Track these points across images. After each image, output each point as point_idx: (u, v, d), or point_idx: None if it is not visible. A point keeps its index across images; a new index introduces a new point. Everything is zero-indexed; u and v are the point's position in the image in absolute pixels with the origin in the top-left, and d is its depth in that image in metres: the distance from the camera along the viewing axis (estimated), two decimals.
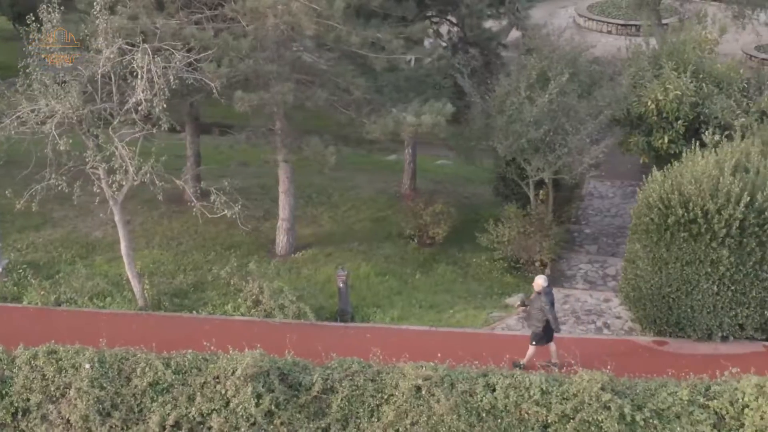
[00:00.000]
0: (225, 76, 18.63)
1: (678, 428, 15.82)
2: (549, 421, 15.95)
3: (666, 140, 23.81)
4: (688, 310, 19.20)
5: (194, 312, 20.52)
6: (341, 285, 20.31)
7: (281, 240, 23.05)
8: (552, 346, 18.24)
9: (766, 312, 19.11)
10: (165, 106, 18.37)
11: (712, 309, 19.07)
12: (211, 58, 18.88)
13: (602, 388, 15.86)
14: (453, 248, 23.82)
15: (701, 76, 24.64)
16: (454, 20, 24.80)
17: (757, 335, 19.35)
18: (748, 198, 18.28)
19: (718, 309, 19.06)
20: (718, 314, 19.11)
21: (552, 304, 18.02)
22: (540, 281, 18.10)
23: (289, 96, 18.99)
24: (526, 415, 16.06)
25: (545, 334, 18.08)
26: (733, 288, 18.91)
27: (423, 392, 16.08)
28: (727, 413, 15.91)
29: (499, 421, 16.05)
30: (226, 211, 19.26)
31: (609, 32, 38.85)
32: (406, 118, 19.06)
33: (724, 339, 19.43)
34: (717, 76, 24.79)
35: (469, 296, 21.65)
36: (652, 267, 19.19)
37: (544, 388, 16.05)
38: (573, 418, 15.90)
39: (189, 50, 19.14)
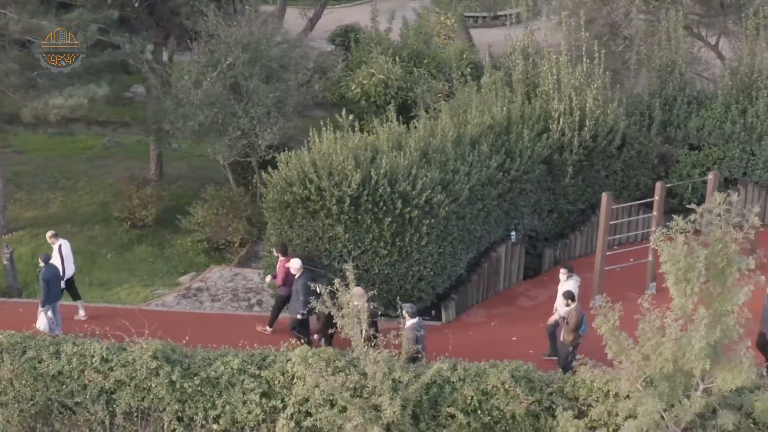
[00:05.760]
0: None
1: (227, 396, 16.35)
2: (108, 387, 16.65)
3: (375, 123, 24.14)
4: None
5: None
6: (6, 262, 21.15)
7: None
8: None
9: (392, 289, 19.52)
10: None
11: None
12: None
13: (153, 356, 16.48)
14: (166, 230, 24.46)
15: (426, 61, 25.00)
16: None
17: (390, 312, 19.68)
18: (360, 177, 18.71)
19: None
20: None
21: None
22: None
23: None
24: (88, 381, 16.77)
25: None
26: (353, 264, 19.25)
27: None
28: (278, 382, 16.39)
29: (64, 386, 16.76)
30: None
31: None
32: (50, 100, 19.85)
33: None
34: (442, 61, 25.13)
35: (149, 275, 22.29)
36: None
37: (105, 356, 16.71)
38: (129, 385, 16.59)
39: None
